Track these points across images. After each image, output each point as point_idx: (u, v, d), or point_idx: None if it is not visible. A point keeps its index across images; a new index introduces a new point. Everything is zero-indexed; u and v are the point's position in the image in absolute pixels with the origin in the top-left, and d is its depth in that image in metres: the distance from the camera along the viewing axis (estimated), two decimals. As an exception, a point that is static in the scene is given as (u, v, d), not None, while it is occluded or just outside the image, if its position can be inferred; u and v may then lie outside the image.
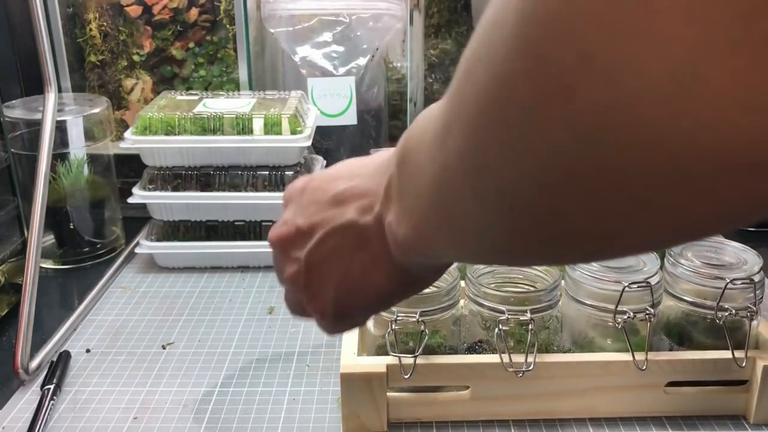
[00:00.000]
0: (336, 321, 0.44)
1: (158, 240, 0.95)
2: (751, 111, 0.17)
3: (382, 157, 0.39)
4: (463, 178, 0.26)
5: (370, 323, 0.67)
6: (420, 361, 0.63)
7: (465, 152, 0.26)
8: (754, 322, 0.66)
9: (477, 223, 0.28)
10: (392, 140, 1.15)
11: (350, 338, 0.66)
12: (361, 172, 0.41)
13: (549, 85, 0.20)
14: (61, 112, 0.95)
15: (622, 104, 0.19)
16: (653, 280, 0.65)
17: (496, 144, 0.23)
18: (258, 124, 0.92)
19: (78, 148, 0.96)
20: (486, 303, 0.64)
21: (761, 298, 0.66)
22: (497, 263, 0.47)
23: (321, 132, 1.07)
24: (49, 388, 0.69)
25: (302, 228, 0.42)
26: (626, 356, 0.64)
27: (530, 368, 0.62)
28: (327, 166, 1.04)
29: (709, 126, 0.18)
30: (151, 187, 0.94)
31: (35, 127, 0.89)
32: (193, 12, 1.06)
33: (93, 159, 0.98)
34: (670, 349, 0.68)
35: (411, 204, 0.33)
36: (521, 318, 0.63)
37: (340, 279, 0.41)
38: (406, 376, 0.62)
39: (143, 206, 0.95)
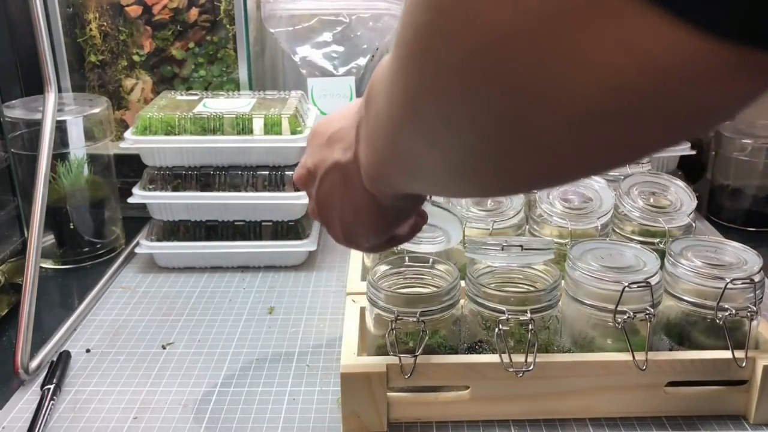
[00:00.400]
0: (350, 246, 0.51)
1: (158, 240, 0.95)
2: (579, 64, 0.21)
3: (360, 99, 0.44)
4: (405, 119, 0.30)
5: (371, 323, 0.67)
6: (420, 361, 0.63)
7: (402, 95, 0.29)
8: (754, 322, 0.66)
9: (422, 157, 0.32)
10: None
11: (350, 338, 0.66)
12: (349, 114, 0.46)
13: (446, 36, 0.24)
14: (61, 112, 0.95)
15: (497, 51, 0.23)
16: (653, 280, 0.65)
17: (420, 88, 0.27)
18: (258, 124, 0.92)
19: (78, 148, 0.96)
20: (486, 303, 0.64)
21: (761, 298, 0.66)
22: (449, 194, 0.50)
23: (321, 132, 1.07)
24: (49, 388, 0.69)
25: (310, 169, 0.49)
26: (626, 356, 0.64)
27: (530, 368, 0.62)
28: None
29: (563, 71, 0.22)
30: (151, 187, 0.94)
31: (35, 127, 0.89)
32: (193, 12, 1.06)
33: (93, 159, 0.98)
34: (670, 349, 0.68)
35: (374, 143, 0.38)
36: (521, 318, 0.63)
37: (340, 214, 0.47)
38: (406, 376, 0.62)
39: (143, 206, 0.95)
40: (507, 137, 0.25)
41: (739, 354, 0.64)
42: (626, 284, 0.63)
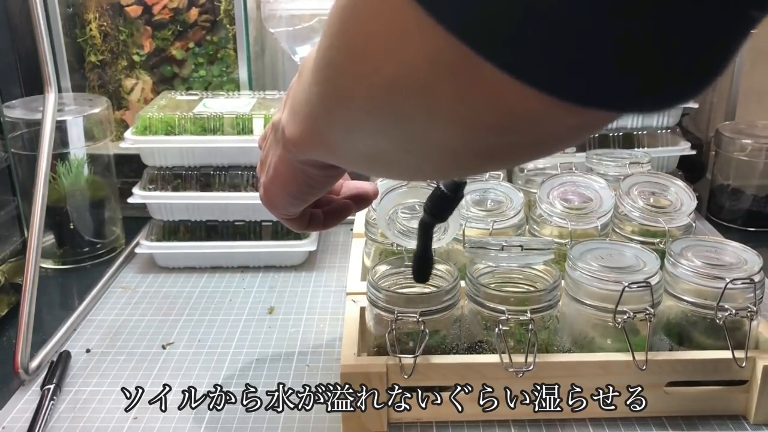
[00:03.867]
0: (269, 208, 0.54)
1: (158, 240, 0.95)
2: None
3: None
4: (318, 109, 0.34)
5: (371, 323, 0.67)
6: (420, 361, 0.63)
7: (318, 98, 0.33)
8: (754, 322, 0.66)
9: (329, 135, 0.36)
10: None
11: (350, 338, 0.66)
12: None
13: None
14: (61, 112, 0.95)
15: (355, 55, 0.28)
16: (653, 280, 0.65)
17: (331, 99, 0.32)
18: (258, 124, 0.92)
19: (78, 148, 0.96)
20: (486, 303, 0.64)
21: (761, 298, 0.66)
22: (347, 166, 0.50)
23: (321, 132, 1.06)
24: (49, 388, 0.69)
25: (268, 128, 0.53)
26: (626, 356, 0.64)
27: (530, 368, 0.62)
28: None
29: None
30: (151, 187, 0.94)
31: (35, 127, 0.89)
32: (193, 12, 1.06)
33: (93, 159, 0.98)
34: (670, 349, 0.68)
35: (293, 108, 0.40)
36: (521, 318, 0.63)
37: (267, 170, 0.50)
38: (406, 376, 0.62)
39: (143, 206, 0.95)
40: (403, 144, 0.30)
41: (739, 354, 0.64)
42: (626, 284, 0.63)
